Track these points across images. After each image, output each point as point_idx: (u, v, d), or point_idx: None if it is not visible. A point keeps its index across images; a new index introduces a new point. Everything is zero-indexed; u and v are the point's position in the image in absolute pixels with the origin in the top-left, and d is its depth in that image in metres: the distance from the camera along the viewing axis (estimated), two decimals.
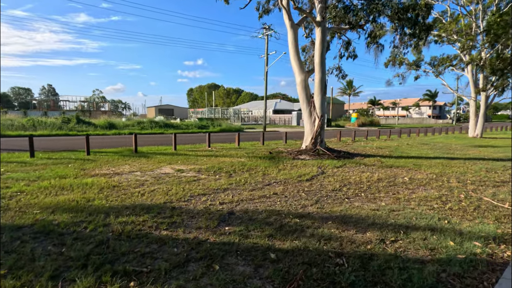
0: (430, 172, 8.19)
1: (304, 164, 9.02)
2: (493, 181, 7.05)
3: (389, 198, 5.41)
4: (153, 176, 6.99)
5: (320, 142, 11.32)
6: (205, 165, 8.66)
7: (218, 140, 17.58)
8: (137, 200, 4.90)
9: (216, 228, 3.76)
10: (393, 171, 8.27)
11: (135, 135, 11.24)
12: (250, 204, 4.85)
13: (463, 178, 7.39)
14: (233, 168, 8.18)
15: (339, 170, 8.27)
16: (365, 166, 8.98)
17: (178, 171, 7.68)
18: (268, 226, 3.87)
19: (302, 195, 5.48)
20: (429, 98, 69.77)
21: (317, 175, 7.37)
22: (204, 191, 5.60)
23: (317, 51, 11.24)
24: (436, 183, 6.78)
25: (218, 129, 28.93)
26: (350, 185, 6.41)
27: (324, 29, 11.20)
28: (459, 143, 18.42)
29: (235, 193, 5.47)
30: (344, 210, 4.61)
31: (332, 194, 5.59)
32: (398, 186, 6.39)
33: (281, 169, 8.14)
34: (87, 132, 22.36)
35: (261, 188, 5.89)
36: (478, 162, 10.28)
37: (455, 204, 5.05)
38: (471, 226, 4.04)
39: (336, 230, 3.80)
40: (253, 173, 7.57)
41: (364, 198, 5.38)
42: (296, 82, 11.77)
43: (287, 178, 6.92)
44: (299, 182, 6.54)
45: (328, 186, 6.21)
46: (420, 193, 5.85)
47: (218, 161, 9.45)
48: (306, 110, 11.58)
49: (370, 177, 7.23)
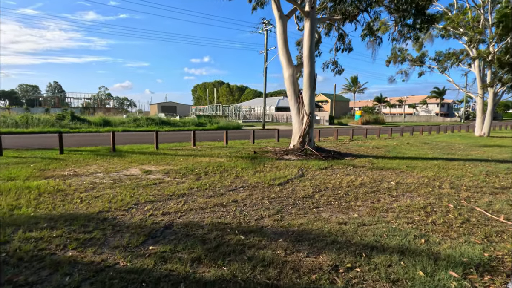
0: (423, 175, 7.41)
1: (286, 166, 8.32)
2: (492, 187, 6.26)
3: (365, 208, 4.70)
4: (114, 179, 6.39)
5: (309, 141, 10.59)
6: (178, 166, 8.04)
7: (210, 138, 16.97)
8: (70, 209, 4.29)
9: (137, 248, 3.11)
10: (381, 174, 7.51)
11: (113, 134, 10.68)
12: (198, 214, 4.19)
13: (458, 183, 6.61)
14: (206, 169, 7.54)
15: (322, 172, 7.55)
16: (352, 168, 8.24)
17: (145, 173, 7.07)
18: (202, 245, 3.21)
19: (265, 203, 4.80)
20: (436, 96, 68.00)
21: (293, 179, 6.67)
22: (156, 197, 4.97)
23: (306, 43, 10.48)
24: (426, 189, 6.02)
25: (215, 127, 28.35)
26: (325, 191, 5.70)
27: (313, 19, 10.43)
28: (464, 142, 17.45)
29: (189, 200, 4.82)
30: (305, 224, 3.92)
31: (300, 202, 4.90)
32: (381, 193, 5.65)
33: (258, 171, 7.46)
34: (79, 129, 22.00)
35: (222, 194, 5.22)
36: (480, 164, 9.43)
37: (440, 217, 4.31)
38: (453, 247, 3.32)
39: (284, 251, 3.12)
40: (225, 175, 6.91)
41: (335, 208, 4.68)
42: (284, 77, 11.04)
43: (259, 182, 6.24)
44: (270, 187, 5.86)
45: (300, 192, 5.51)
46: (404, 201, 5.11)
47: (195, 161, 8.82)
48: (294, 107, 10.85)
49: (353, 181, 6.50)
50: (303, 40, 10.63)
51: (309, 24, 10.40)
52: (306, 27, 10.49)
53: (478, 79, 22.20)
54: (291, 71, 10.88)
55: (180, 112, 64.56)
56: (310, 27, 10.39)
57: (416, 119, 72.82)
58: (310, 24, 10.39)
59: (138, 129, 23.97)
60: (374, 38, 13.67)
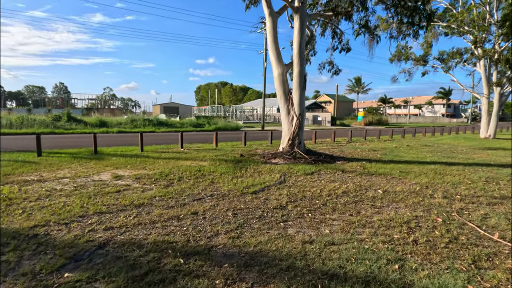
0: (416, 182, 6.82)
1: (269, 170, 7.79)
2: (490, 197, 5.65)
3: (341, 222, 4.15)
4: (78, 185, 5.93)
5: (298, 144, 10.03)
6: (154, 170, 7.56)
7: (204, 140, 16.48)
8: (4, 221, 3.82)
9: (49, 275, 2.62)
10: (371, 180, 6.94)
11: (95, 135, 10.25)
12: (145, 230, 3.69)
13: (452, 191, 6.01)
14: (182, 174, 7.05)
15: (306, 178, 7.01)
16: (341, 173, 7.68)
17: (115, 178, 6.61)
18: (129, 271, 2.70)
19: (228, 215, 4.28)
20: (442, 96, 66.69)
21: (272, 186, 6.14)
22: (109, 208, 4.48)
23: (295, 40, 9.95)
24: (415, 198, 5.44)
25: (213, 128, 27.89)
26: (302, 200, 5.17)
27: (303, 15, 9.89)
28: (467, 144, 16.70)
29: (143, 212, 4.33)
30: (264, 243, 3.40)
31: (268, 215, 4.37)
32: (364, 203, 5.09)
33: (237, 177, 6.94)
34: (74, 130, 21.74)
35: (184, 205, 4.72)
36: (481, 168, 8.78)
37: (424, 234, 3.75)
38: (431, 275, 2.76)
39: (224, 281, 2.60)
40: (199, 181, 6.41)
41: (306, 222, 4.14)
42: (274, 76, 10.51)
43: (232, 190, 5.73)
44: (241, 196, 5.33)
45: (273, 202, 4.98)
46: (387, 213, 4.55)
47: (175, 165, 8.34)
48: (283, 108, 10.31)
49: (336, 189, 5.94)
50: (293, 37, 10.09)
51: (298, 21, 9.86)
52: (295, 24, 9.95)
53: (483, 79, 21.37)
54: (280, 70, 10.34)
55: (182, 113, 64.38)
56: (300, 23, 9.85)
57: (421, 120, 71.55)
58: (300, 20, 9.85)
59: (134, 130, 23.61)
60: (371, 36, 13.08)
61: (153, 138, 17.53)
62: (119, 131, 22.74)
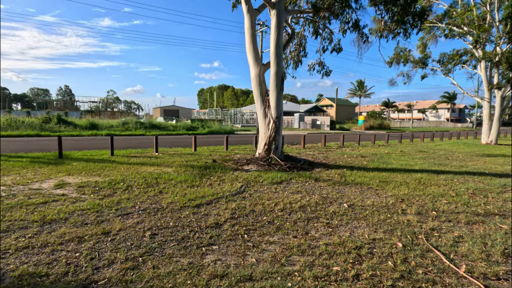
0: (392, 194, 6.06)
1: (234, 178, 7.09)
2: (472, 213, 4.88)
3: (278, 246, 3.43)
4: (9, 194, 5.30)
5: (275, 149, 9.32)
6: (108, 177, 6.92)
7: (191, 144, 15.83)
8: None
9: None
10: (342, 191, 6.19)
11: (59, 138, 9.67)
12: (24, 257, 3.01)
13: (430, 206, 5.24)
14: (135, 182, 6.39)
15: (270, 188, 6.29)
16: (313, 183, 6.94)
17: (56, 186, 5.97)
18: None
19: (145, 236, 3.59)
20: (447, 101, 65.43)
21: (224, 197, 5.43)
22: (12, 224, 3.82)
23: (272, 38, 9.28)
24: (383, 215, 4.69)
25: (206, 131, 27.33)
26: (248, 216, 4.45)
27: (281, 12, 9.23)
28: (466, 150, 15.80)
29: (44, 231, 3.65)
30: (162, 277, 2.69)
31: (195, 236, 3.67)
32: (320, 220, 4.36)
33: (193, 186, 6.26)
34: (61, 133, 21.30)
35: (102, 222, 4.03)
36: (471, 178, 7.98)
37: (373, 266, 3.01)
38: None
39: None
40: (147, 191, 5.73)
41: (236, 245, 3.42)
42: (251, 77, 9.85)
43: (174, 202, 5.03)
44: (179, 210, 4.64)
45: (211, 218, 4.27)
46: (340, 235, 3.81)
47: (136, 171, 7.69)
48: (260, 110, 9.63)
49: (295, 202, 5.22)
50: (270, 35, 9.43)
51: (275, 17, 9.20)
52: (272, 21, 9.30)
53: (484, 81, 20.45)
54: (257, 70, 9.68)
55: (182, 116, 64.05)
56: (276, 20, 9.19)
57: (425, 125, 70.22)
58: (277, 16, 9.20)
59: (124, 133, 23.12)
60: (359, 35, 12.37)
61: (138, 142, 16.97)
62: (108, 133, 22.24)
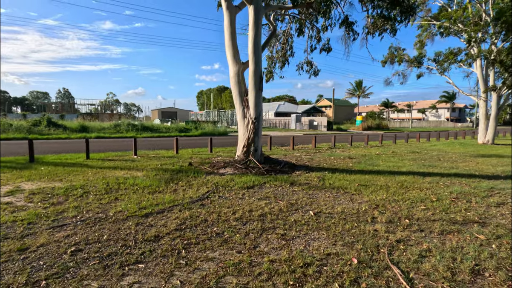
0: (368, 199, 5.62)
1: (204, 183, 6.67)
2: (449, 221, 4.43)
3: (214, 264, 3.00)
4: None
5: (254, 151, 8.90)
6: (70, 182, 6.52)
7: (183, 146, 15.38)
8: None
9: None
10: (314, 197, 5.76)
11: (30, 142, 9.28)
12: None
13: (405, 212, 4.80)
14: (95, 188, 5.98)
15: (238, 194, 5.86)
16: (288, 187, 6.52)
17: (7, 194, 5.57)
18: None
19: (65, 254, 3.17)
20: (446, 100, 64.87)
21: (182, 204, 5.01)
22: None
23: (250, 35, 8.87)
24: (350, 224, 4.25)
25: (199, 133, 26.93)
26: (196, 227, 4.02)
27: (258, 7, 8.83)
28: (461, 151, 15.32)
29: None
30: None
31: (125, 252, 3.25)
32: (276, 231, 3.93)
33: (156, 192, 5.84)
34: (49, 136, 20.95)
35: (27, 236, 3.61)
36: (459, 180, 7.53)
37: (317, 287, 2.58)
38: None
39: None
40: (103, 197, 5.32)
41: (165, 264, 3.00)
42: (230, 76, 9.45)
43: (122, 211, 4.61)
44: (123, 221, 4.22)
45: (152, 230, 3.85)
46: (291, 249, 3.38)
47: (103, 176, 7.28)
48: (239, 111, 9.22)
49: (257, 210, 4.79)
50: (248, 32, 9.03)
51: (253, 13, 8.80)
52: (250, 17, 8.90)
53: (480, 80, 19.98)
54: (236, 68, 9.27)
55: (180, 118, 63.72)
56: (254, 16, 8.79)
57: (425, 125, 69.64)
58: (255, 12, 8.80)
59: (114, 136, 22.74)
60: (347, 31, 11.97)
61: (124, 144, 16.56)
62: (98, 136, 21.88)
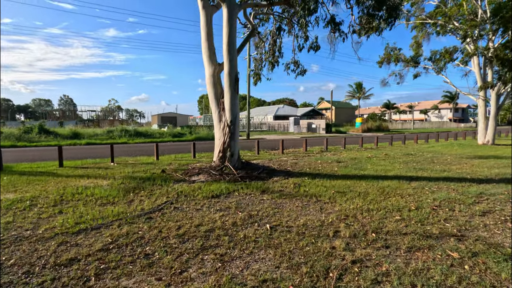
0: (341, 208, 5.09)
1: (167, 192, 6.17)
2: (422, 235, 3.89)
3: None
4: None
5: (230, 157, 8.40)
6: (23, 194, 6.07)
7: (171, 151, 14.97)
8: None
9: None
10: (282, 206, 5.24)
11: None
12: None
13: (375, 224, 4.26)
14: (45, 200, 5.52)
15: (199, 204, 5.36)
16: (258, 195, 6.01)
17: None
18: None
19: None
20: (448, 100, 63.98)
21: (126, 218, 4.52)
22: None
23: (224, 34, 8.43)
24: (307, 239, 3.73)
25: (193, 137, 26.50)
26: (125, 247, 3.52)
27: (232, 5, 8.40)
28: (458, 152, 14.69)
29: None
30: None
31: (22, 280, 2.76)
32: (215, 251, 3.42)
33: (108, 203, 5.36)
34: (37, 143, 20.66)
35: None
36: (447, 185, 6.96)
37: None
38: None
39: None
40: (48, 211, 4.85)
41: None
42: (206, 77, 9.01)
43: (54, 227, 4.13)
44: (50, 239, 3.73)
45: (71, 252, 3.37)
46: (222, 274, 2.87)
47: (63, 185, 6.83)
48: (216, 114, 8.75)
49: (207, 224, 4.28)
50: (223, 31, 8.59)
51: (227, 10, 8.37)
52: (224, 14, 8.46)
53: (478, 78, 19.35)
54: (212, 69, 8.83)
55: (180, 122, 63.55)
56: (228, 14, 8.36)
57: (427, 125, 68.67)
58: (228, 10, 8.36)
59: (104, 142, 22.37)
60: (333, 31, 11.50)
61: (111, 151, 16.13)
62: (88, 142, 21.56)
